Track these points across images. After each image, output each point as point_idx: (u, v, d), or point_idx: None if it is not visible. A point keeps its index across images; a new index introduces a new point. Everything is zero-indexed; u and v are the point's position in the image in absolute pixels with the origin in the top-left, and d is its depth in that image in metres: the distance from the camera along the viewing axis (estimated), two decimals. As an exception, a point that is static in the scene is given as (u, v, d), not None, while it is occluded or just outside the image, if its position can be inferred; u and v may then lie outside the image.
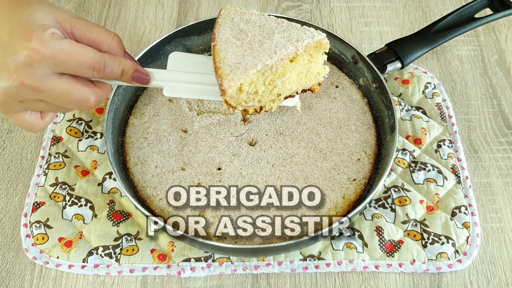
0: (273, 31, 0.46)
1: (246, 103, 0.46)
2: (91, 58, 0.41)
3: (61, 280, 0.53)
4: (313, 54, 0.47)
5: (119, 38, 0.45)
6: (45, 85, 0.40)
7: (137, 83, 0.46)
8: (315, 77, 0.50)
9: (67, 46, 0.39)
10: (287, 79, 0.46)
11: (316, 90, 0.51)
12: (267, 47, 0.44)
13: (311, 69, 0.48)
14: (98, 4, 0.79)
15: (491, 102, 0.68)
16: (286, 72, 0.45)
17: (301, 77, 0.48)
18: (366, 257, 0.54)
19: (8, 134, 0.64)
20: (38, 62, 0.38)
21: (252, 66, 0.43)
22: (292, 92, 0.49)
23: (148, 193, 0.54)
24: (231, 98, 0.44)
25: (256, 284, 0.53)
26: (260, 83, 0.45)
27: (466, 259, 0.54)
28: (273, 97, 0.48)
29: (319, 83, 0.51)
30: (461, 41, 0.75)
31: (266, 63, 0.43)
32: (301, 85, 0.49)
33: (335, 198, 0.54)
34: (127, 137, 0.58)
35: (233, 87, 0.42)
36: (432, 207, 0.57)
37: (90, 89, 0.42)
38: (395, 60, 0.63)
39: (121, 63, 0.44)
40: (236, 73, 0.42)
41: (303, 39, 0.45)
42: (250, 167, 0.55)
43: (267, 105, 0.48)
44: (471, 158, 0.63)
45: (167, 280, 0.53)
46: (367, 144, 0.58)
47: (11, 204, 0.58)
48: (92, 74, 0.41)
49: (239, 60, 0.43)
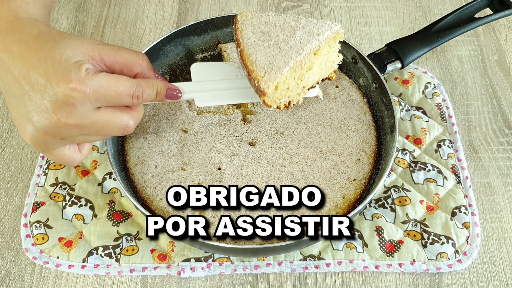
0: (294, 28, 0.48)
1: (279, 100, 0.48)
2: (130, 87, 0.42)
3: (61, 280, 0.53)
4: (331, 44, 0.49)
5: (147, 57, 0.45)
6: (87, 121, 0.40)
7: (171, 100, 0.47)
8: (332, 65, 0.53)
9: (103, 80, 0.40)
10: (313, 71, 0.49)
11: (333, 77, 0.54)
12: (293, 44, 0.46)
13: (329, 58, 0.51)
14: (98, 4, 0.79)
15: (491, 102, 0.68)
16: (312, 65, 0.48)
17: (321, 67, 0.51)
18: (366, 257, 0.54)
19: (8, 134, 0.64)
20: (80, 101, 0.39)
21: (284, 64, 0.45)
22: (314, 83, 0.52)
23: (148, 193, 0.54)
24: (268, 98, 0.46)
25: (256, 284, 0.53)
26: (292, 79, 0.47)
27: (466, 259, 0.54)
28: (299, 90, 0.51)
29: (334, 71, 0.54)
30: (461, 41, 0.75)
31: (296, 59, 0.45)
32: (321, 75, 0.52)
33: (335, 198, 0.54)
34: (127, 137, 0.58)
35: (271, 87, 0.45)
36: (432, 207, 0.57)
37: (128, 114, 0.44)
38: (395, 60, 0.63)
39: (153, 85, 0.45)
40: (271, 73, 0.45)
41: (323, 32, 0.47)
42: (250, 167, 0.55)
43: (295, 99, 0.51)
44: (471, 158, 0.63)
45: (167, 280, 0.53)
46: (367, 144, 0.58)
47: (11, 204, 0.58)
48: (132, 101, 0.43)
49: (270, 61, 0.46)
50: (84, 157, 0.46)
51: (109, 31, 0.76)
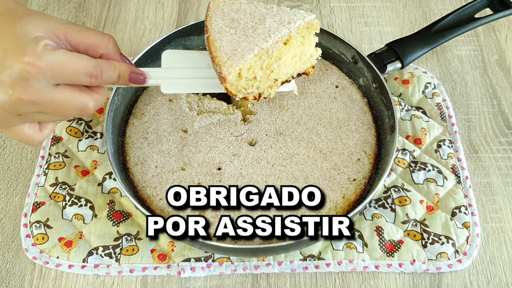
0: (264, 16, 0.46)
1: (246, 90, 0.47)
2: (88, 66, 0.41)
3: (61, 280, 0.53)
4: (305, 35, 0.48)
5: (115, 40, 0.45)
6: (43, 98, 0.40)
7: (134, 84, 0.46)
8: (309, 59, 0.51)
9: (61, 56, 0.39)
10: (283, 63, 0.47)
11: (310, 73, 0.52)
12: (260, 31, 0.45)
13: (305, 51, 0.49)
14: (98, 4, 0.79)
15: (491, 102, 0.68)
16: (281, 55, 0.46)
17: (295, 60, 0.49)
18: (366, 257, 0.54)
19: (8, 134, 0.64)
20: (35, 76, 0.38)
21: (248, 51, 0.43)
22: (288, 77, 0.50)
23: (148, 193, 0.54)
24: (231, 85, 0.45)
25: (256, 284, 0.53)
26: (258, 68, 0.45)
27: (466, 259, 0.54)
28: (270, 82, 0.48)
29: (312, 66, 0.52)
30: (461, 41, 0.75)
31: (262, 47, 0.44)
32: (296, 69, 0.50)
33: (335, 198, 0.54)
34: (127, 137, 0.58)
35: (232, 73, 0.43)
36: (432, 207, 0.57)
37: (88, 95, 0.42)
38: (395, 60, 0.63)
39: (116, 66, 0.43)
40: (234, 59, 0.43)
41: (295, 21, 0.46)
42: (250, 167, 0.55)
43: (265, 91, 0.49)
44: (471, 158, 0.63)
45: (167, 280, 0.53)
46: (367, 144, 0.58)
47: (11, 204, 0.58)
48: (90, 81, 0.41)
49: (235, 47, 0.44)
50: (45, 137, 0.45)
51: (109, 31, 0.76)
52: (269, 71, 0.47)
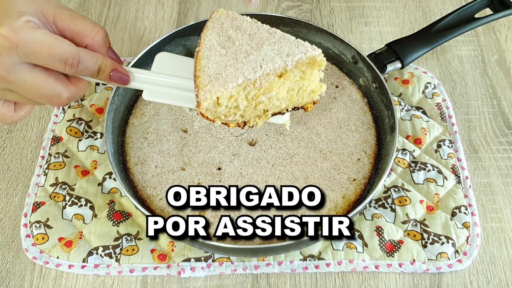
0: (263, 41, 0.42)
1: (226, 117, 0.43)
2: (65, 52, 0.38)
3: (61, 280, 0.53)
4: (305, 70, 0.43)
5: (105, 32, 0.43)
6: (14, 76, 0.38)
7: (115, 83, 0.43)
8: (309, 95, 0.45)
9: (40, 36, 0.37)
10: (275, 96, 0.43)
11: (309, 109, 0.47)
12: (253, 59, 0.41)
13: (304, 86, 0.44)
14: (98, 4, 0.79)
15: (491, 102, 0.68)
16: (272, 88, 0.42)
17: (292, 94, 0.44)
18: (366, 257, 0.54)
19: (8, 134, 0.64)
20: (6, 50, 0.37)
21: (232, 79, 0.40)
22: (281, 109, 0.46)
23: (148, 193, 0.54)
24: (207, 111, 0.42)
25: (256, 284, 0.53)
26: (242, 98, 0.42)
27: (466, 259, 0.54)
28: (258, 113, 0.45)
29: (314, 102, 0.47)
30: (461, 41, 0.75)
31: (248, 77, 0.40)
32: (292, 102, 0.45)
33: (335, 198, 0.54)
34: (127, 137, 0.58)
35: (208, 100, 0.40)
36: (432, 207, 0.57)
37: (64, 86, 0.40)
38: (395, 60, 0.63)
39: (98, 60, 0.41)
40: (214, 85, 0.40)
41: (295, 53, 0.41)
42: (250, 167, 0.55)
43: (252, 121, 0.45)
44: (471, 158, 0.63)
45: (167, 280, 0.53)
46: (367, 144, 0.58)
47: (11, 204, 0.58)
48: (64, 68, 0.39)
49: (220, 71, 0.40)
50: (19, 118, 0.43)
51: (109, 31, 0.76)
52: (256, 102, 0.43)
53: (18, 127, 0.65)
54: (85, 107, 0.65)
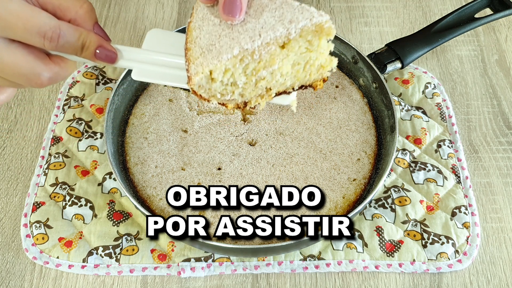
0: (262, 8, 0.37)
1: (223, 96, 0.39)
2: (43, 24, 0.35)
3: (61, 280, 0.53)
4: (312, 40, 0.38)
5: (91, 6, 0.39)
6: None
7: (101, 62, 0.39)
8: (318, 70, 0.40)
9: (16, 7, 0.34)
10: (278, 70, 0.38)
11: (318, 87, 0.42)
12: (250, 27, 0.36)
13: (311, 60, 0.39)
14: (98, 4, 0.79)
15: (491, 102, 0.68)
16: (274, 61, 0.37)
17: (297, 69, 0.40)
18: (366, 257, 0.54)
19: (8, 134, 0.64)
20: None
21: (227, 50, 0.35)
22: (286, 88, 0.41)
23: (148, 193, 0.54)
24: (200, 88, 0.37)
25: (256, 284, 0.53)
26: (239, 72, 0.37)
27: (466, 259, 0.54)
28: (260, 91, 0.40)
29: (323, 79, 0.41)
30: (461, 41, 0.75)
31: (245, 47, 0.35)
32: (299, 80, 0.41)
33: (335, 198, 0.54)
34: (127, 137, 0.58)
35: (200, 73, 0.35)
36: (432, 207, 0.57)
37: (44, 64, 0.37)
38: (395, 60, 0.63)
39: (82, 35, 0.37)
40: (206, 57, 0.35)
41: (298, 20, 0.36)
42: (250, 167, 0.55)
43: (253, 101, 0.40)
44: (471, 158, 0.63)
45: (167, 280, 0.53)
46: (367, 144, 0.58)
47: (11, 204, 0.58)
48: (43, 43, 0.36)
49: (213, 41, 0.36)
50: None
51: (109, 31, 0.76)
52: (257, 78, 0.38)
53: (18, 127, 0.65)
54: (85, 107, 0.65)
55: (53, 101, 0.67)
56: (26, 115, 0.66)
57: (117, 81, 0.58)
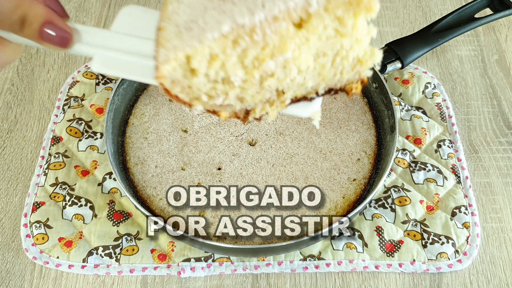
0: None
1: (211, 99, 0.27)
2: None
3: (61, 280, 0.53)
4: (344, 18, 0.26)
5: None
6: None
7: (50, 44, 0.30)
8: (354, 66, 0.28)
9: None
10: (293, 63, 0.26)
11: (354, 91, 0.30)
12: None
13: (344, 49, 0.27)
14: (98, 4, 0.79)
15: (491, 102, 0.68)
16: (286, 47, 0.25)
17: (323, 63, 0.27)
18: (366, 257, 0.54)
19: (8, 134, 0.64)
20: None
21: (213, 27, 0.25)
22: (307, 91, 0.29)
23: (148, 193, 0.54)
24: (174, 84, 0.26)
25: (256, 284, 0.53)
26: (233, 62, 0.26)
27: (466, 259, 0.54)
28: (268, 94, 0.28)
29: (362, 80, 0.29)
30: (461, 41, 0.75)
31: (239, 22, 0.24)
32: (325, 79, 0.28)
33: (335, 198, 0.54)
34: (127, 137, 0.59)
35: (171, 61, 0.25)
36: (432, 207, 0.57)
37: None
38: (395, 60, 0.63)
39: (21, 5, 0.29)
40: (183, 38, 0.25)
41: None
42: (250, 167, 0.55)
43: (258, 108, 0.28)
44: (471, 158, 0.63)
45: (167, 280, 0.53)
46: (367, 144, 0.58)
47: (11, 204, 0.58)
48: None
49: (195, 17, 0.25)
50: None
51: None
52: (261, 73, 0.26)
53: (18, 127, 0.65)
54: (85, 107, 0.65)
55: (53, 101, 0.67)
56: (26, 115, 0.66)
57: (117, 81, 0.58)
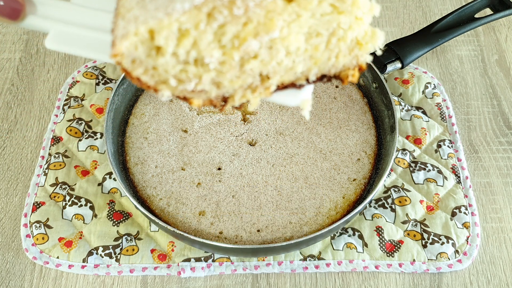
0: None
1: (181, 83, 0.24)
2: None
3: (61, 280, 0.53)
4: None
5: None
6: None
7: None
8: (351, 49, 0.25)
9: None
10: (281, 43, 0.23)
11: (350, 78, 0.26)
12: None
13: (341, 29, 0.24)
14: (98, 4, 0.79)
15: (491, 102, 0.68)
16: (273, 24, 0.22)
17: (316, 44, 0.24)
18: (366, 257, 0.54)
19: (8, 134, 0.64)
20: None
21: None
22: (296, 77, 0.26)
23: (148, 193, 0.54)
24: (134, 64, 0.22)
25: (256, 284, 0.53)
26: (209, 40, 0.22)
27: (466, 259, 0.54)
28: (250, 79, 0.24)
29: (360, 67, 0.26)
30: (461, 41, 0.75)
31: None
32: (317, 64, 0.25)
33: (335, 198, 0.54)
34: (127, 137, 0.59)
35: (131, 35, 0.21)
36: (432, 207, 0.57)
37: None
38: (395, 60, 0.63)
39: None
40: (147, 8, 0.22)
41: None
42: (250, 167, 0.55)
43: (238, 95, 0.25)
44: (471, 158, 0.63)
45: (167, 280, 0.53)
46: (367, 144, 0.58)
47: (11, 204, 0.58)
48: None
49: None
50: None
51: (109, 31, 0.76)
52: (242, 54, 0.23)
53: (18, 127, 0.65)
54: (85, 107, 0.65)
55: (53, 101, 0.67)
56: (26, 115, 0.66)
57: (117, 81, 0.58)
